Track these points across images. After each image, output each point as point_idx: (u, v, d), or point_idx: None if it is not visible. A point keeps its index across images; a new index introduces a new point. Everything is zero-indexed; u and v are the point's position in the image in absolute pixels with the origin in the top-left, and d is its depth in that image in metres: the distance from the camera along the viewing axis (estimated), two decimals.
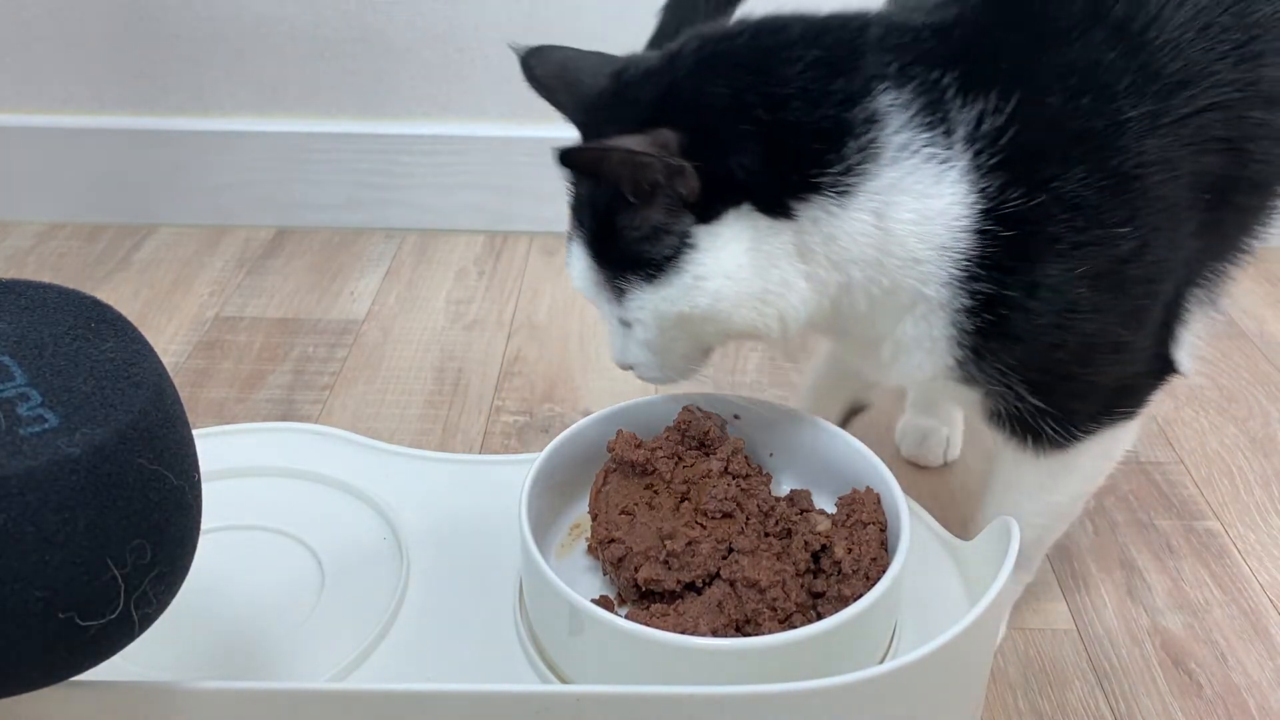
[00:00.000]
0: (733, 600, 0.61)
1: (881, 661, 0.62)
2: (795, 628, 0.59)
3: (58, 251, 1.37)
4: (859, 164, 0.58)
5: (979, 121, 0.58)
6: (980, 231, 0.58)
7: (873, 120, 0.58)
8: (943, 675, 0.58)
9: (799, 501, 0.67)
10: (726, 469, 0.68)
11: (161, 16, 1.34)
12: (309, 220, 1.43)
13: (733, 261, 0.61)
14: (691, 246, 0.61)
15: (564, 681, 0.62)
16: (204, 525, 0.54)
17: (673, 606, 0.61)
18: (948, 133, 0.58)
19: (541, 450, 0.69)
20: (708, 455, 0.69)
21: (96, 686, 0.54)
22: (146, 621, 0.50)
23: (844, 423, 0.87)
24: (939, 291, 0.60)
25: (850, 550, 0.63)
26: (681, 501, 0.67)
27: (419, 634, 0.66)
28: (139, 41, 1.36)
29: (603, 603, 0.63)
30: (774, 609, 0.61)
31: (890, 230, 0.59)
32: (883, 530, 0.64)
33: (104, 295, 0.58)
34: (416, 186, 1.41)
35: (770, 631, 0.60)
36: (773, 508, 0.66)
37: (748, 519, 0.65)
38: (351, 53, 1.36)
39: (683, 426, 0.70)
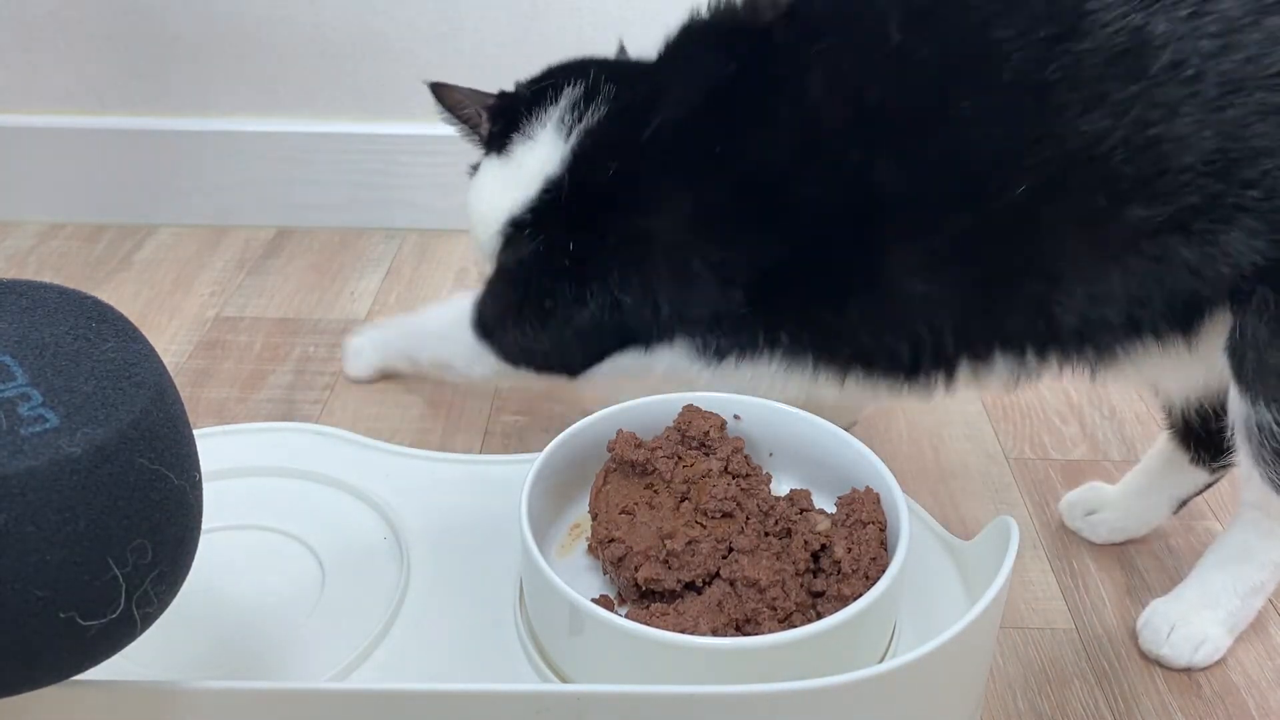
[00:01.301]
0: (733, 600, 0.61)
1: (881, 661, 0.62)
2: (795, 627, 0.59)
3: (58, 251, 1.37)
4: (536, 118, 0.91)
5: (584, 117, 0.88)
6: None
7: (556, 100, 0.90)
8: (942, 675, 0.58)
9: (799, 501, 0.67)
10: (726, 469, 0.68)
11: (161, 16, 1.34)
12: (309, 220, 1.43)
13: (488, 175, 0.94)
14: (480, 169, 0.96)
15: (564, 681, 0.62)
16: (204, 525, 0.54)
17: (673, 606, 0.61)
18: (579, 119, 0.88)
19: (541, 450, 0.69)
20: (708, 455, 0.69)
21: (96, 686, 0.54)
22: (147, 621, 0.50)
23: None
24: None
25: (850, 550, 0.63)
26: (681, 501, 0.67)
27: (419, 634, 0.66)
28: (139, 41, 1.36)
29: (603, 602, 0.63)
30: (774, 608, 0.61)
31: (543, 164, 0.89)
32: (882, 530, 0.64)
33: (104, 295, 0.58)
34: (417, 186, 1.41)
35: (770, 631, 0.60)
36: (772, 507, 0.66)
37: (747, 519, 0.65)
38: (351, 53, 1.36)
39: (683, 426, 0.70)
